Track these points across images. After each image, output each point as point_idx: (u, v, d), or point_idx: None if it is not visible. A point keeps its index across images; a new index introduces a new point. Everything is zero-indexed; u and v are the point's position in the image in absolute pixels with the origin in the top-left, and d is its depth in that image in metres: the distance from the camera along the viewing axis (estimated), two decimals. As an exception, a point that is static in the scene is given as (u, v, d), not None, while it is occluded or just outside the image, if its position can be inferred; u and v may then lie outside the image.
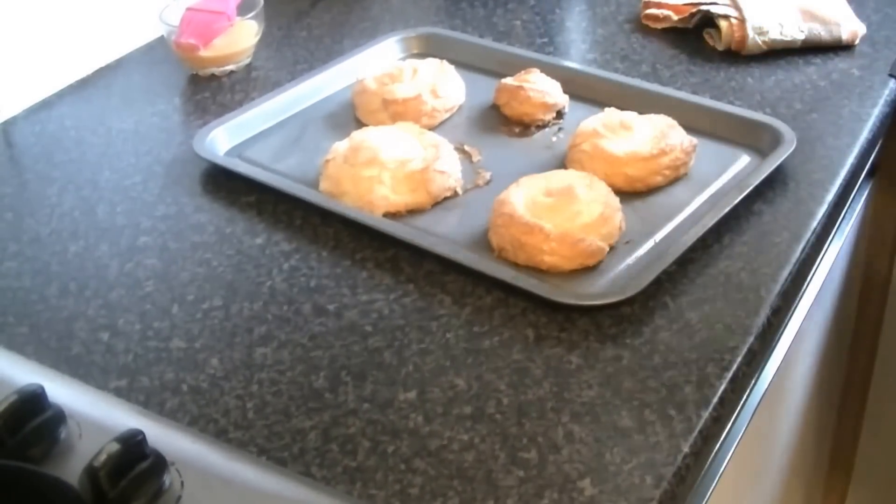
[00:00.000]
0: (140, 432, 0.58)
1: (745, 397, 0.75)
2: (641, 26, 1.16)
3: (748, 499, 1.03)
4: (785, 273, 0.79)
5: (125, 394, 0.70)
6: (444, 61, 1.03)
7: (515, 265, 0.80)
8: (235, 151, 0.95)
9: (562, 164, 0.91)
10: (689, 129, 0.91)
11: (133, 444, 0.57)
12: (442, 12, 1.21)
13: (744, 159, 0.91)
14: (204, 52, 1.07)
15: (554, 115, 0.98)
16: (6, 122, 1.02)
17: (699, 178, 0.89)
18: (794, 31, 1.09)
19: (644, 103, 0.95)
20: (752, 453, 0.95)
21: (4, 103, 1.02)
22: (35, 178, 0.94)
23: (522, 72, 1.00)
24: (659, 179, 0.88)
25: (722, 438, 0.71)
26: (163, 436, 0.61)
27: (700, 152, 0.91)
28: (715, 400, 0.68)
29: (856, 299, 1.33)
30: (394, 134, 0.90)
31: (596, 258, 0.79)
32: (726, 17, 1.10)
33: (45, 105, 1.05)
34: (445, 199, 0.88)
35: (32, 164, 0.96)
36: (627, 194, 0.86)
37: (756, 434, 0.89)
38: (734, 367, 0.71)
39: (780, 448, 1.21)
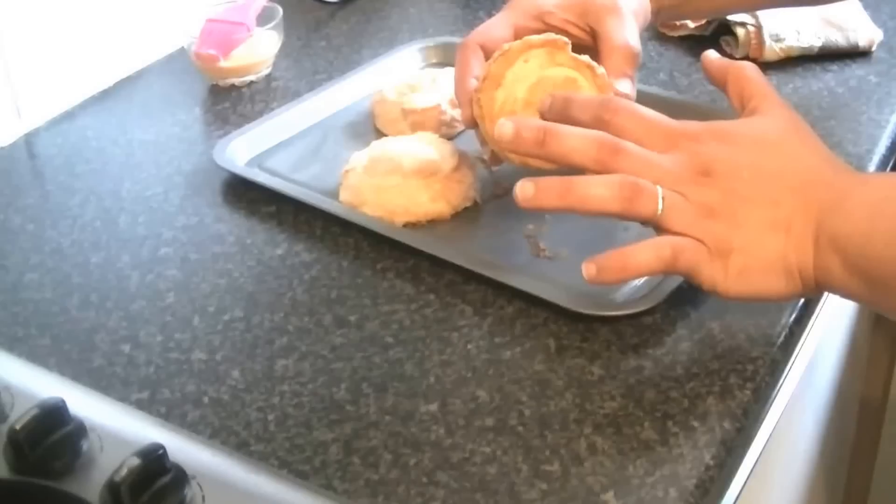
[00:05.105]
0: (161, 446, 0.58)
1: (767, 407, 0.74)
2: (658, 34, 1.16)
3: (771, 508, 1.03)
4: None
5: (146, 406, 0.70)
6: (463, 70, 1.03)
7: None
8: (255, 162, 0.95)
9: (582, 171, 0.91)
10: (710, 137, 0.91)
11: (154, 459, 0.57)
12: (459, 21, 1.21)
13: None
14: (224, 63, 1.07)
15: (573, 123, 0.98)
16: (28, 134, 1.02)
17: (720, 187, 0.88)
18: (810, 38, 1.08)
19: (664, 111, 0.94)
20: (775, 462, 0.95)
21: (27, 114, 1.02)
22: (57, 189, 0.94)
23: (541, 80, 1.00)
24: (679, 188, 0.87)
25: (746, 449, 0.71)
26: (184, 449, 0.61)
27: (721, 160, 0.90)
28: (738, 410, 0.68)
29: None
30: (413, 144, 0.90)
31: None
32: (743, 24, 1.09)
33: (68, 116, 1.05)
34: (465, 208, 0.88)
35: (54, 175, 0.96)
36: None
37: (778, 443, 0.89)
38: (757, 377, 0.70)
39: (802, 455, 1.21)
